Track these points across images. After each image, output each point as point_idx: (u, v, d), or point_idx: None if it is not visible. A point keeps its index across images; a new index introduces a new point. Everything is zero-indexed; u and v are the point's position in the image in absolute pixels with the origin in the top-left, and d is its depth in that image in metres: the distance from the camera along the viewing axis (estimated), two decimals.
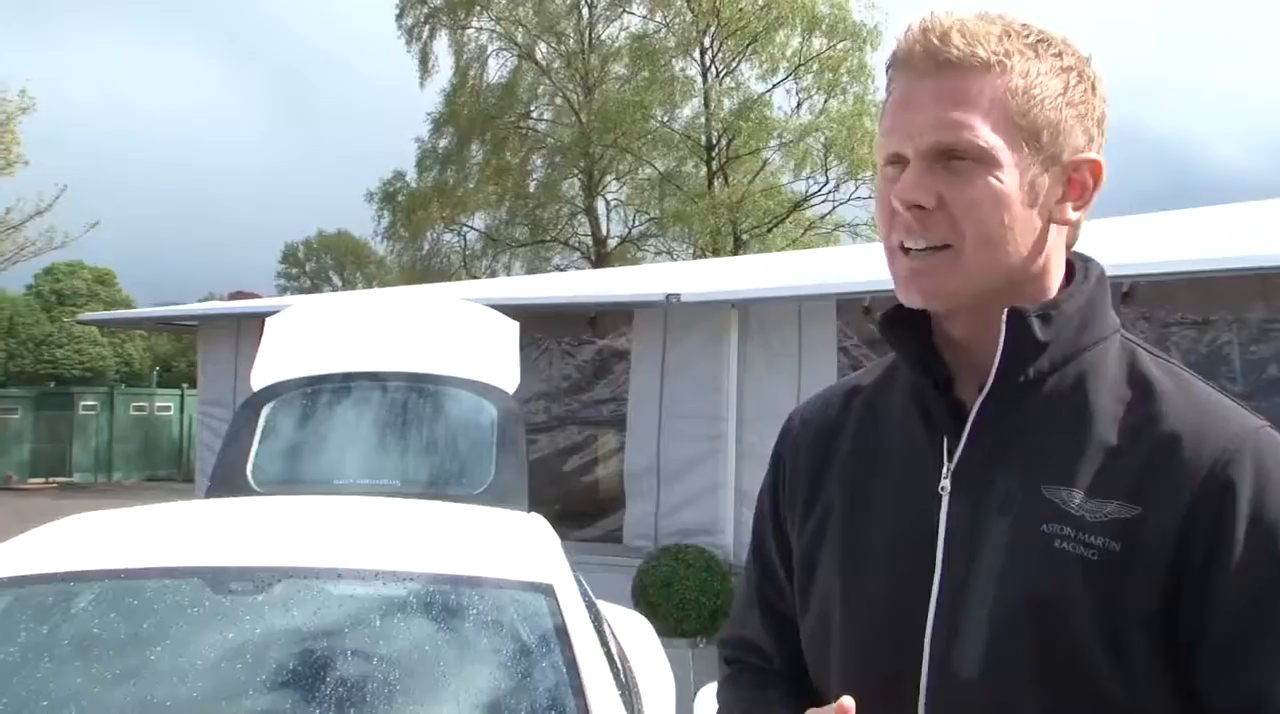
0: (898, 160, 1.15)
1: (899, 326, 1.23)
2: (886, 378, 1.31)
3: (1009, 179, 1.12)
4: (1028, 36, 1.15)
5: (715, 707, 1.49)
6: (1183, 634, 1.06)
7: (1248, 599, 1.05)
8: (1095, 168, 1.18)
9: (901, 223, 1.14)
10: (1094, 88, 1.17)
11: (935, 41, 1.13)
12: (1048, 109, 1.13)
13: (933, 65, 1.13)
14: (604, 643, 2.82)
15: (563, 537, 3.41)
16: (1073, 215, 1.18)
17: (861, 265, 8.51)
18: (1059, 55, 1.16)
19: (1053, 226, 1.17)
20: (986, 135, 1.11)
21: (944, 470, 1.17)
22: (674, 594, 7.01)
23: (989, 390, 1.16)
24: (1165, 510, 1.07)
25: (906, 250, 1.15)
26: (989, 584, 1.11)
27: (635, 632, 3.96)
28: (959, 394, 1.20)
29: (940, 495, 1.17)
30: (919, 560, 1.16)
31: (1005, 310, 1.14)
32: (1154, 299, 5.99)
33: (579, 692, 2.43)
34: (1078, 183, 1.17)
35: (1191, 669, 1.07)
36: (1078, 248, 1.25)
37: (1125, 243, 7.01)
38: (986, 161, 1.11)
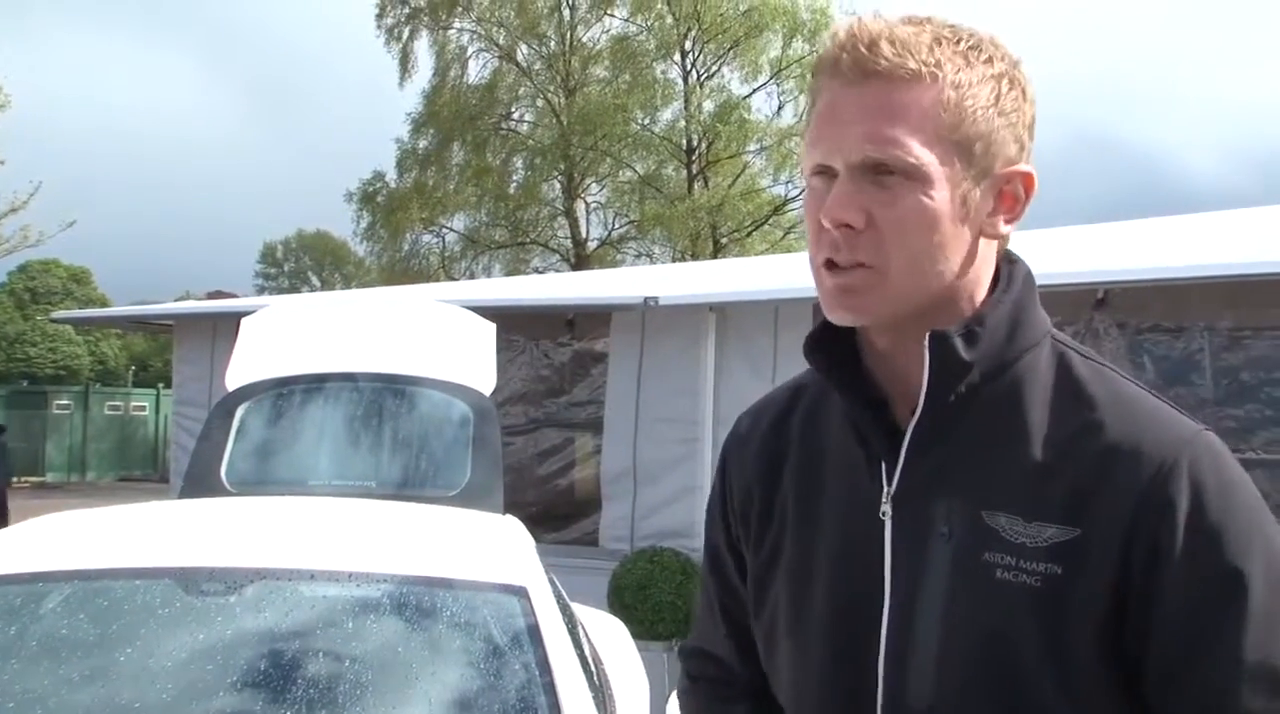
0: (825, 171, 1.11)
1: (826, 347, 1.19)
2: (822, 394, 1.27)
3: (939, 196, 1.07)
4: (958, 43, 1.10)
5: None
6: (1130, 651, 1.05)
7: (1190, 612, 1.03)
8: (1027, 180, 1.14)
9: (829, 239, 1.09)
10: (1024, 92, 1.13)
11: (864, 50, 1.07)
12: (980, 121, 1.09)
13: (860, 75, 1.08)
14: (577, 645, 2.82)
15: (539, 539, 3.41)
16: (1004, 229, 1.14)
17: None
18: (989, 62, 1.11)
19: (983, 240, 1.13)
20: (918, 151, 1.06)
21: (884, 494, 1.14)
22: (649, 597, 7.01)
23: (919, 415, 1.12)
24: (1104, 529, 1.04)
25: (831, 266, 1.10)
26: (935, 614, 1.09)
27: (610, 634, 3.96)
28: (894, 414, 1.16)
29: (882, 521, 1.14)
30: (867, 586, 1.14)
31: (927, 334, 1.10)
32: (1127, 306, 6.03)
33: (552, 694, 2.44)
34: (1009, 195, 1.13)
35: (1141, 686, 1.05)
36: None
37: (1099, 249, 7.06)
38: (917, 178, 1.07)
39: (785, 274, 8.82)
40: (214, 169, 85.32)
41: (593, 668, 2.92)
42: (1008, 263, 1.19)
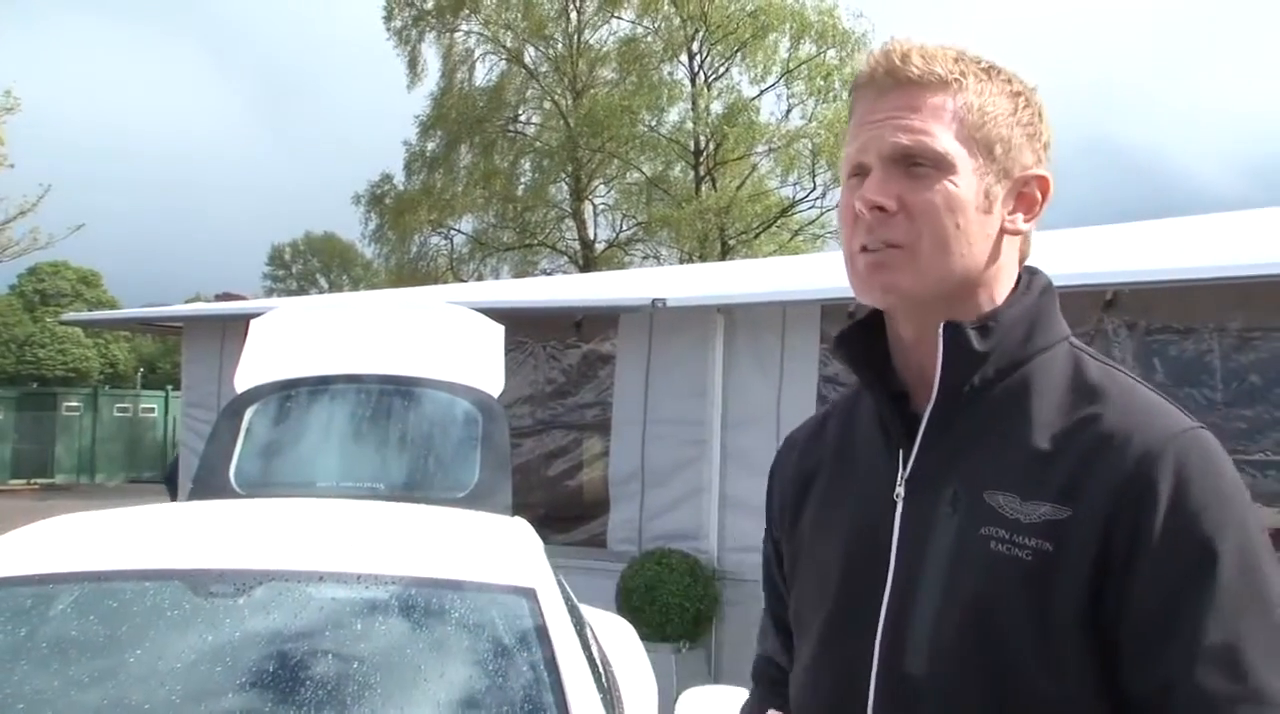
0: (860, 172, 1.22)
1: (855, 344, 1.30)
2: (860, 394, 1.38)
3: (964, 184, 1.19)
4: (979, 63, 1.24)
5: (698, 711, 1.58)
6: (1106, 628, 1.10)
7: (1163, 593, 1.08)
8: (1043, 183, 1.25)
9: (863, 225, 1.20)
10: (1040, 114, 1.27)
11: (896, 61, 1.21)
12: (1000, 126, 1.22)
13: (893, 82, 1.21)
14: (586, 647, 2.82)
15: (546, 540, 3.41)
16: (1024, 226, 1.25)
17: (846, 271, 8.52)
18: (1008, 81, 1.25)
19: (1005, 237, 1.24)
20: (945, 142, 1.19)
21: (899, 477, 1.23)
22: (657, 599, 7.01)
23: (934, 401, 1.22)
24: (1091, 510, 1.11)
25: (865, 250, 1.21)
26: (935, 585, 1.17)
27: (618, 636, 3.96)
28: (915, 406, 1.26)
29: (895, 501, 1.23)
30: (874, 564, 1.22)
31: (941, 323, 1.20)
32: (1136, 307, 6.02)
33: (560, 694, 2.44)
34: (1028, 197, 1.25)
35: (1116, 663, 1.10)
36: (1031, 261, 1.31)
37: (1108, 250, 7.05)
38: (944, 167, 1.19)
39: (793, 276, 8.82)
40: (222, 171, 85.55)
41: (601, 670, 2.92)
42: (1028, 272, 1.29)
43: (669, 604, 7.00)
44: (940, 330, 1.20)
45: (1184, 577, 1.08)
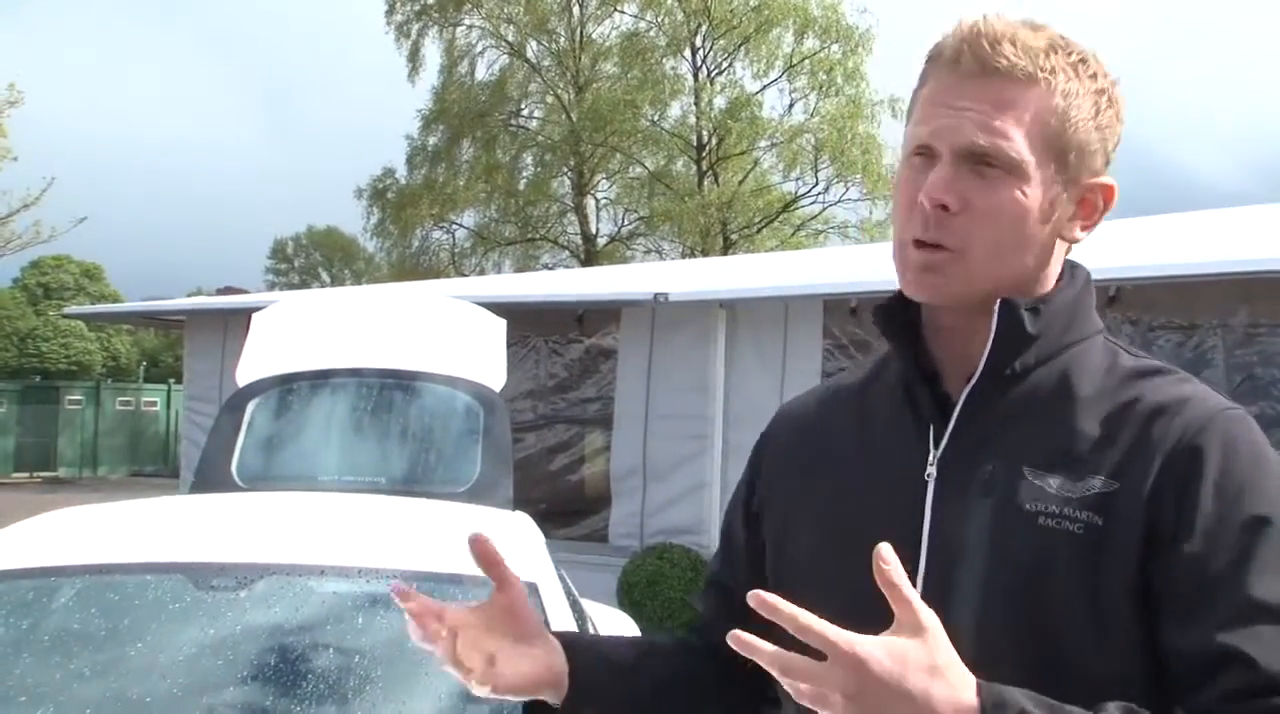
0: (927, 152, 1.17)
1: (893, 318, 1.26)
2: (874, 375, 1.34)
3: (1032, 194, 1.15)
4: (1070, 54, 1.17)
5: None
6: (1153, 597, 1.09)
7: (1208, 560, 1.07)
8: (1108, 192, 1.21)
9: (920, 216, 1.16)
10: (1118, 113, 1.21)
11: (986, 47, 1.14)
12: (1080, 131, 1.16)
13: (979, 69, 1.14)
14: None
15: (548, 535, 3.41)
16: (1080, 235, 1.22)
17: (849, 267, 8.53)
18: (1094, 77, 1.18)
19: (1058, 242, 1.20)
20: (1021, 148, 1.13)
21: (930, 457, 1.20)
22: (659, 593, 7.02)
23: (977, 379, 1.19)
24: (1140, 479, 1.10)
25: (919, 244, 1.17)
26: (976, 564, 1.14)
27: (620, 631, 3.96)
28: (946, 387, 1.23)
29: (926, 481, 1.20)
30: (906, 544, 1.16)
31: (998, 301, 1.17)
32: (1139, 303, 6.02)
33: None
34: (1090, 203, 1.21)
35: (1158, 631, 1.09)
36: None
37: (1110, 246, 7.04)
38: (1016, 174, 1.14)
39: (796, 271, 8.82)
40: (224, 166, 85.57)
41: None
42: (1069, 263, 1.26)
43: (670, 599, 7.01)
44: (996, 308, 1.17)
45: (1236, 543, 1.07)
